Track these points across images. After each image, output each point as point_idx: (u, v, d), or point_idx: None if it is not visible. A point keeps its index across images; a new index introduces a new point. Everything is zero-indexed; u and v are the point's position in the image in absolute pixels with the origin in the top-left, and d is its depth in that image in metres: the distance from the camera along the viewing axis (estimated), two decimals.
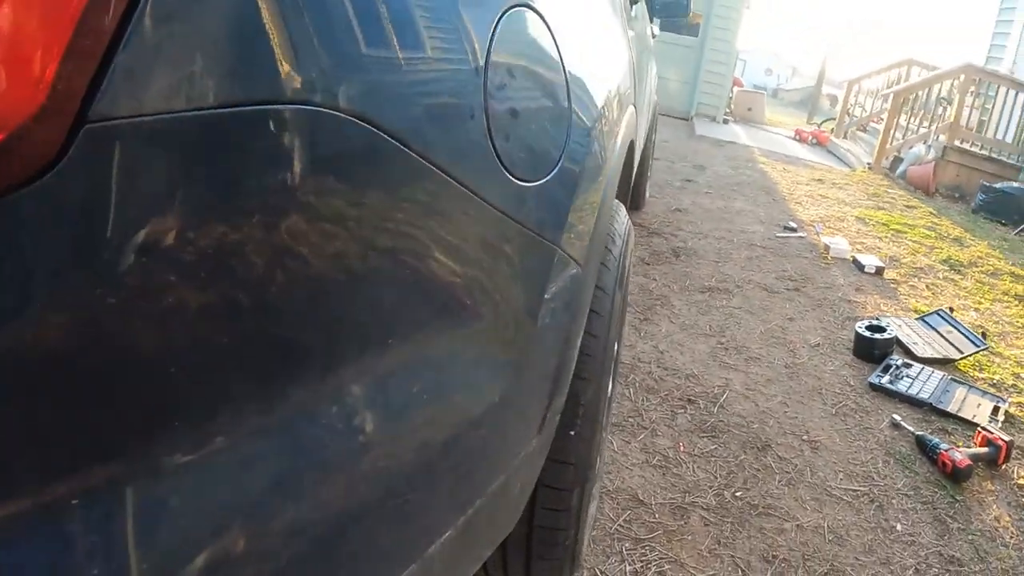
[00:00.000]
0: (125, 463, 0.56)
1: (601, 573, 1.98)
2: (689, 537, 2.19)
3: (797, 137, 13.52)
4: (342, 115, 0.64)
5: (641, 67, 2.82)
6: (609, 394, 2.04)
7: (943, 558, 2.31)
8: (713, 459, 2.58)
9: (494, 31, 0.87)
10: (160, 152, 0.52)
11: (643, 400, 2.87)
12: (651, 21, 4.77)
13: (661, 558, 2.08)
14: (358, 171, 0.68)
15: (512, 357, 1.01)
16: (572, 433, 1.34)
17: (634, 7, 2.62)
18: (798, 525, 2.32)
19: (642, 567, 2.03)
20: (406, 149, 0.71)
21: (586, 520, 1.56)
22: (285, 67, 0.58)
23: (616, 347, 2.08)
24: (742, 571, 2.09)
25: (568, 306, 1.16)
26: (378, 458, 0.77)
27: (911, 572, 2.21)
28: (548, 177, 1.03)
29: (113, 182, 0.49)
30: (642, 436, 2.63)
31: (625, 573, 2.00)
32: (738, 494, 2.42)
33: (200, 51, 0.52)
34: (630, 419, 2.72)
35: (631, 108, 1.82)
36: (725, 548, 2.17)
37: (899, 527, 2.41)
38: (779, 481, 2.52)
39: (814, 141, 13.20)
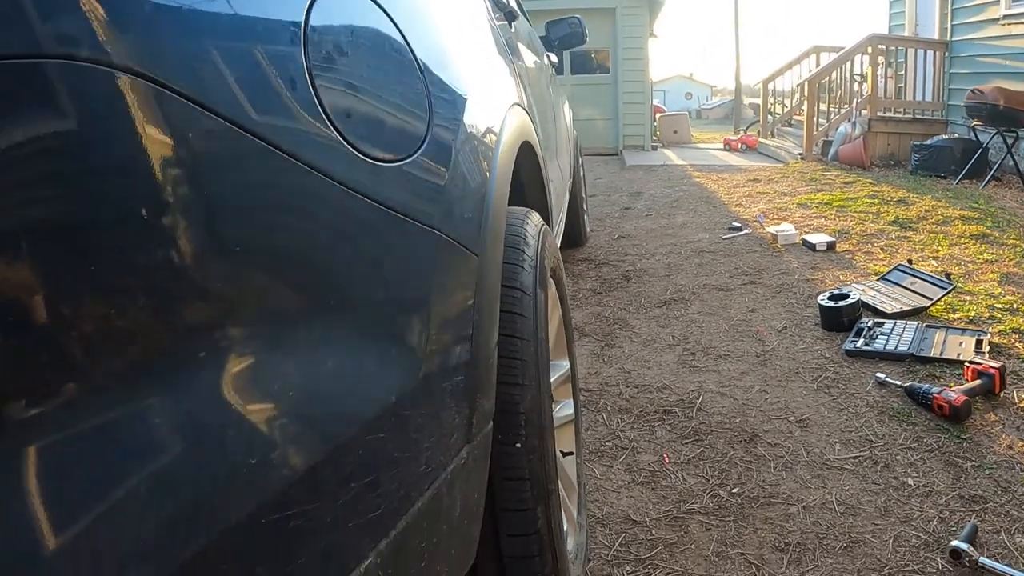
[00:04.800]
0: None
1: None
2: (692, 545, 2.02)
3: (727, 147, 13.64)
4: (112, 70, 0.55)
5: (536, 83, 2.74)
6: (572, 416, 1.90)
7: (964, 499, 2.16)
8: (701, 463, 2.42)
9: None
10: None
11: (617, 422, 2.71)
12: (547, 51, 4.74)
13: (667, 573, 1.91)
14: (147, 134, 0.57)
15: (403, 352, 0.88)
16: (519, 445, 1.22)
17: (513, 23, 2.53)
18: (804, 506, 2.16)
19: None
20: (202, 109, 0.61)
21: (562, 546, 1.41)
22: (46, 17, 0.51)
23: (571, 366, 1.95)
24: (756, 566, 1.92)
25: (468, 298, 1.05)
26: (240, 469, 0.63)
27: (935, 523, 2.06)
28: (411, 158, 0.93)
29: None
30: (623, 457, 2.47)
31: None
32: (734, 490, 2.26)
33: None
34: (607, 443, 2.56)
35: (519, 109, 1.71)
36: (733, 547, 2.01)
37: (911, 481, 2.26)
38: (774, 467, 2.37)
39: (744, 147, 13.29)
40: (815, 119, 10.61)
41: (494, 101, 1.45)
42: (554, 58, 4.52)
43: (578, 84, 13.17)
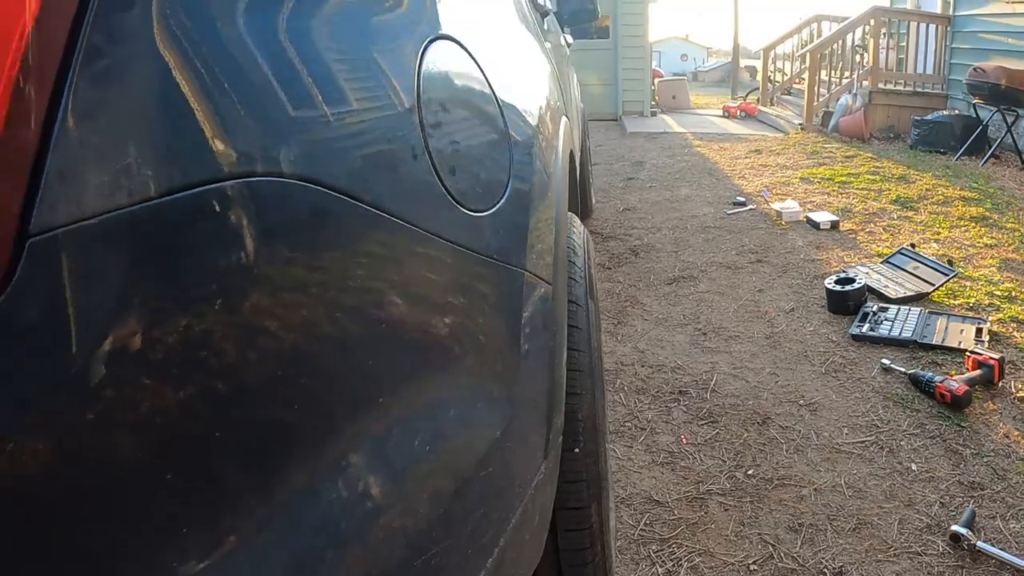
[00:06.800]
0: None
1: None
2: (712, 525, 2.17)
3: (726, 113, 13.66)
4: (286, 180, 0.62)
5: (564, 78, 2.83)
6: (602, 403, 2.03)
7: (964, 486, 2.31)
8: (717, 444, 2.57)
9: (419, 68, 0.85)
10: (111, 253, 0.49)
11: (635, 402, 2.85)
12: (563, 31, 4.81)
13: (690, 552, 2.06)
14: (313, 234, 0.65)
15: (504, 389, 0.98)
16: (577, 451, 1.33)
17: (545, 20, 2.63)
18: (816, 489, 2.31)
19: (673, 566, 2.01)
20: (356, 202, 0.69)
21: (609, 532, 1.54)
22: (218, 144, 0.56)
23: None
24: (772, 546, 2.07)
25: (547, 326, 1.14)
26: (393, 520, 0.74)
27: (936, 507, 2.21)
28: (501, 202, 1.01)
29: (68, 294, 0.47)
30: (643, 438, 2.61)
31: (659, 575, 1.98)
32: (750, 472, 2.41)
33: (130, 141, 0.50)
34: (627, 423, 2.70)
35: (564, 119, 1.81)
36: (750, 527, 2.16)
37: (914, 467, 2.41)
38: (787, 450, 2.52)
39: (743, 114, 13.33)
40: (816, 89, 10.69)
41: (552, 123, 1.55)
42: (570, 38, 4.60)
43: (578, 50, 13.11)
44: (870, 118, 9.84)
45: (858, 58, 11.19)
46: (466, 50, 1.03)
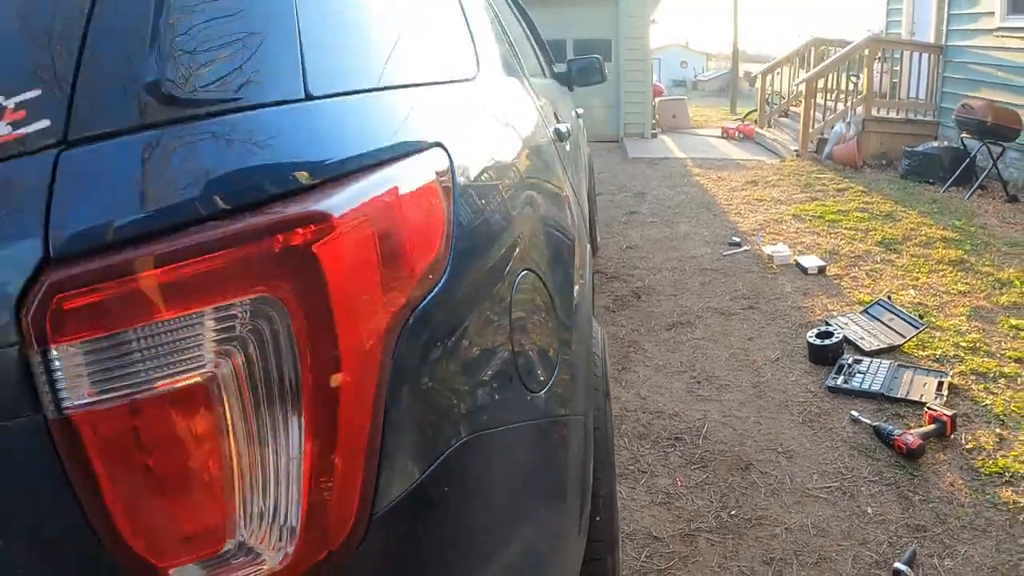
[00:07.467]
0: None
1: None
2: (700, 559, 2.63)
3: (724, 135, 14.17)
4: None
5: (575, 166, 3.26)
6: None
7: (910, 528, 2.77)
8: (707, 487, 3.04)
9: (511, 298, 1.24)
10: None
11: (637, 447, 3.33)
12: (571, 89, 5.28)
13: None
14: None
15: (566, 513, 1.42)
16: (598, 519, 1.77)
17: (567, 143, 2.93)
18: (786, 528, 2.78)
19: None
20: None
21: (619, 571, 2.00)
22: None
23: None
24: None
25: (583, 441, 1.56)
26: None
27: (885, 546, 2.67)
28: (553, 378, 1.40)
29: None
30: (644, 480, 3.08)
31: None
32: (733, 512, 2.87)
33: None
34: (630, 467, 3.17)
35: (587, 248, 2.25)
36: (731, 560, 2.62)
37: (870, 510, 2.87)
38: (764, 493, 2.98)
39: (741, 136, 13.83)
40: (811, 115, 11.17)
41: (582, 274, 1.97)
42: (581, 110, 5.07)
43: None
44: (864, 145, 10.32)
45: (852, 86, 11.69)
46: (540, 278, 1.43)
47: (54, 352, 0.63)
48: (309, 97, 0.80)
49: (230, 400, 0.69)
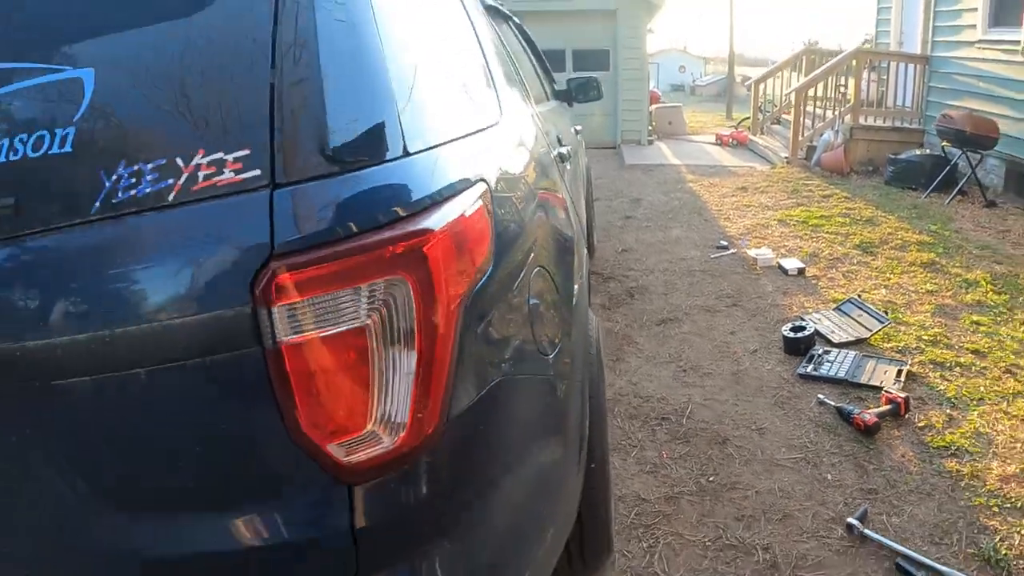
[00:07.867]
0: None
1: (627, 552, 2.88)
2: (682, 516, 3.08)
3: (719, 141, 14.66)
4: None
5: (575, 183, 3.73)
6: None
7: (863, 491, 3.22)
8: (688, 458, 3.49)
9: (529, 286, 1.75)
10: None
11: (629, 426, 3.78)
12: (570, 105, 5.75)
13: (666, 534, 2.97)
14: None
15: (567, 448, 1.87)
16: (592, 466, 2.22)
17: (567, 163, 3.44)
18: (756, 491, 3.23)
19: (654, 542, 2.93)
20: None
21: (611, 518, 2.45)
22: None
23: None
24: (722, 530, 2.99)
25: (580, 399, 2.01)
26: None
27: (841, 506, 3.12)
28: (559, 348, 1.87)
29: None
30: (634, 453, 3.54)
31: (643, 549, 2.90)
32: (711, 479, 3.33)
33: None
34: (622, 442, 3.63)
35: (584, 251, 2.70)
36: (708, 517, 3.07)
37: (829, 476, 3.32)
38: (738, 463, 3.44)
39: (735, 143, 14.32)
40: (801, 123, 11.64)
41: (580, 272, 2.45)
42: (579, 127, 5.53)
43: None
44: (851, 152, 10.80)
45: (840, 95, 12.17)
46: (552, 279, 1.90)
47: (274, 310, 1.08)
48: (407, 154, 1.25)
49: (375, 342, 1.14)
